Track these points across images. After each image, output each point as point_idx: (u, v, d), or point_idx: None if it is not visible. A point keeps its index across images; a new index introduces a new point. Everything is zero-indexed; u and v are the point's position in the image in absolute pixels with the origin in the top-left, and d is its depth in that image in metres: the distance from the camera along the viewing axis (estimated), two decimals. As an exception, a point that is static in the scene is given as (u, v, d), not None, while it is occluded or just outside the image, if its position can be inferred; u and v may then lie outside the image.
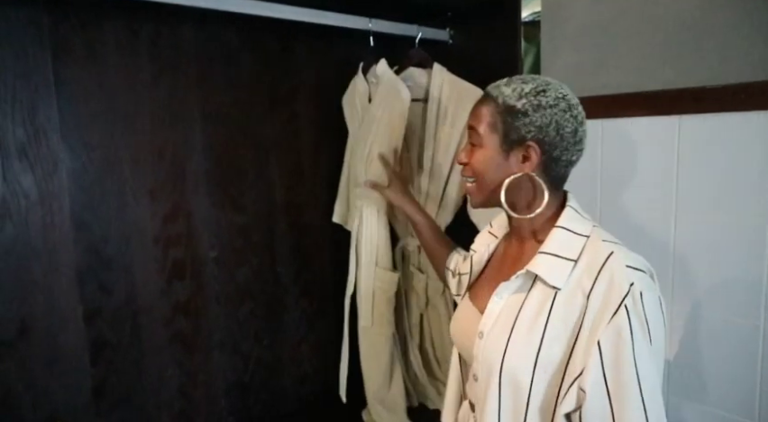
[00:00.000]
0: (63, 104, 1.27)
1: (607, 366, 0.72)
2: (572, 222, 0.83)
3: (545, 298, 0.79)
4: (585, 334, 0.74)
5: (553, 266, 0.79)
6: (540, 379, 0.77)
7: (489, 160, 0.84)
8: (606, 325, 0.72)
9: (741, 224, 1.09)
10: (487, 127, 0.84)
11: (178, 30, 1.44)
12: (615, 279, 0.74)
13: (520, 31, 1.55)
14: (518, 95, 0.81)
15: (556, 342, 0.76)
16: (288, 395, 1.79)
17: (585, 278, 0.76)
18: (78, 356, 1.33)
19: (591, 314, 0.74)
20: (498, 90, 0.84)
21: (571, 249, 0.80)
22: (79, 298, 1.32)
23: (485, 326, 0.84)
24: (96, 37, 1.31)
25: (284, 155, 1.69)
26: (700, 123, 1.13)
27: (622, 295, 0.72)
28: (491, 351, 0.82)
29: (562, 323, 0.76)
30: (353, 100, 1.63)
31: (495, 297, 0.85)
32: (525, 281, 0.83)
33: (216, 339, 1.58)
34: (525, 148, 0.82)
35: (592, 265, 0.77)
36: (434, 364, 1.81)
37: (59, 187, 1.28)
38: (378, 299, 1.60)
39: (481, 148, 0.85)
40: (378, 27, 1.55)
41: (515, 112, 0.81)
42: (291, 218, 1.74)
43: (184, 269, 1.49)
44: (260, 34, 1.59)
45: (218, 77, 1.52)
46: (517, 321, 0.80)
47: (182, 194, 1.48)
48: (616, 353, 0.71)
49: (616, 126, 1.26)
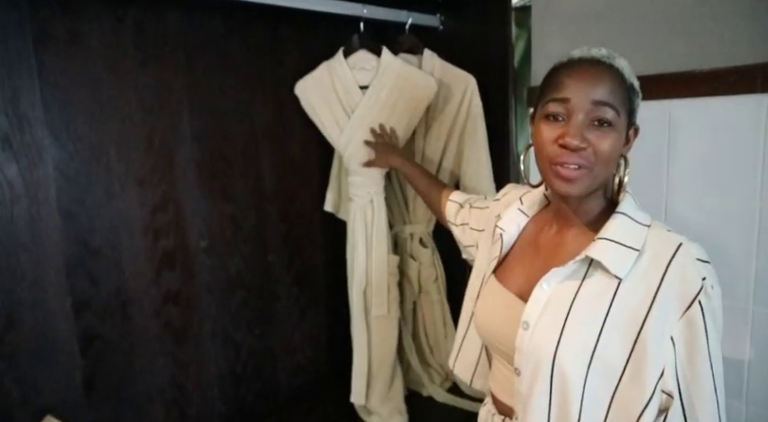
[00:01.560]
0: (47, 91, 1.24)
1: (680, 362, 0.69)
2: (634, 210, 0.77)
3: (606, 287, 0.73)
4: (653, 328, 0.69)
5: (616, 254, 0.72)
6: (595, 374, 0.71)
7: (618, 143, 0.74)
8: (677, 320, 0.69)
9: (731, 207, 1.09)
10: (621, 105, 0.72)
11: (163, 16, 1.41)
12: (687, 272, 0.70)
13: (511, 16, 1.54)
14: (630, 71, 0.75)
15: (616, 335, 0.71)
16: (281, 384, 1.79)
17: (652, 269, 0.71)
18: (68, 348, 1.31)
19: (661, 307, 0.69)
20: (615, 61, 0.75)
21: (634, 238, 0.73)
22: (68, 290, 1.30)
23: (530, 316, 0.76)
24: (79, 23, 1.27)
25: (274, 143, 1.68)
26: (691, 107, 1.13)
27: (696, 290, 0.69)
28: (541, 343, 0.74)
29: (625, 314, 0.71)
30: (329, 86, 1.56)
31: (543, 283, 0.76)
32: (579, 268, 0.75)
33: (208, 329, 1.57)
34: (632, 129, 0.78)
35: (660, 256, 0.72)
36: (427, 352, 1.81)
37: (45, 176, 1.25)
38: (391, 285, 1.61)
39: (613, 130, 0.72)
40: (368, 13, 1.53)
41: (635, 91, 0.76)
42: (282, 207, 1.72)
43: (174, 259, 1.48)
44: (247, 21, 1.56)
45: (206, 64, 1.50)
46: (572, 311, 0.73)
47: (171, 183, 1.46)
48: (689, 348, 0.69)
49: (607, 111, 1.26)
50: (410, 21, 1.63)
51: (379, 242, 1.58)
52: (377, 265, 1.58)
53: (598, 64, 0.74)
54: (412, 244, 1.74)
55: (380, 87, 1.51)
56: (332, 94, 1.56)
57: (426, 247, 1.73)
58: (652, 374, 0.69)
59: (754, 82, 1.04)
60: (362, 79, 1.54)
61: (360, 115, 1.53)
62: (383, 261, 1.59)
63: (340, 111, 1.56)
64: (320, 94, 1.57)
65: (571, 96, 0.73)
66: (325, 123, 1.58)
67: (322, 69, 1.58)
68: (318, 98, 1.58)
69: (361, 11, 1.50)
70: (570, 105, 0.73)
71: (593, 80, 0.72)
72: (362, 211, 1.57)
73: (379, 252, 1.58)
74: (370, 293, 1.59)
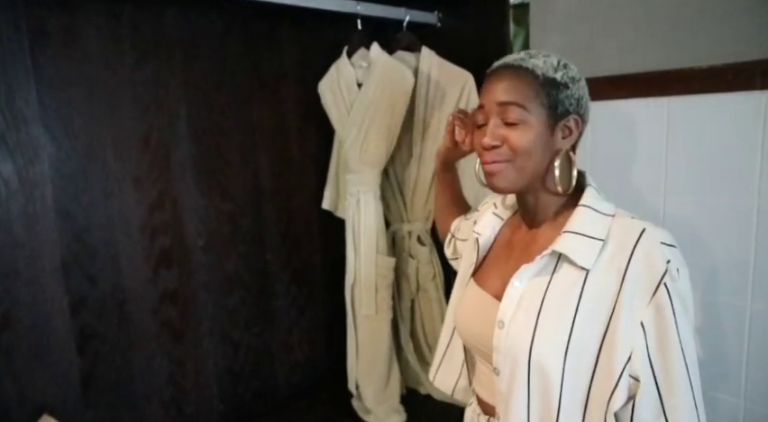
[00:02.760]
0: (42, 89, 1.24)
1: (651, 347, 0.70)
2: (596, 201, 0.79)
3: (574, 279, 0.74)
4: (622, 314, 0.70)
5: (580, 245, 0.74)
6: (572, 366, 0.72)
7: (537, 137, 0.76)
8: (646, 305, 0.70)
9: (729, 205, 1.09)
10: (531, 101, 0.76)
11: (160, 14, 1.40)
12: (651, 257, 0.71)
13: (509, 13, 1.54)
14: (553, 67, 0.77)
15: (588, 325, 0.72)
16: (279, 382, 1.78)
17: (618, 257, 0.73)
18: (65, 347, 1.31)
19: (628, 293, 0.71)
20: (528, 62, 0.78)
21: (597, 228, 0.75)
22: (64, 288, 1.30)
23: (505, 315, 0.78)
24: (75, 21, 1.27)
25: (271, 141, 1.67)
26: (689, 104, 1.13)
27: (660, 273, 0.70)
28: (516, 340, 0.75)
29: (595, 304, 0.72)
30: (336, 85, 1.60)
31: (515, 281, 0.78)
32: (548, 263, 0.77)
33: (206, 327, 1.57)
34: (568, 121, 0.78)
35: (624, 243, 0.73)
36: (426, 350, 1.81)
37: (41, 175, 1.25)
38: (380, 286, 1.60)
39: (524, 124, 0.76)
40: (365, 10, 1.53)
41: (557, 84, 0.76)
42: (280, 205, 1.72)
43: (171, 257, 1.48)
44: (244, 18, 1.55)
45: (203, 62, 1.49)
46: (544, 305, 0.75)
47: (168, 181, 1.45)
48: (660, 333, 0.70)
49: (605, 108, 1.26)
50: (408, 18, 1.62)
51: (367, 241, 1.58)
52: (365, 265, 1.58)
53: (506, 68, 0.79)
54: (410, 242, 1.74)
55: (369, 83, 1.51)
56: (338, 91, 1.60)
57: (424, 245, 1.72)
58: (620, 359, 0.70)
59: (753, 79, 1.03)
60: (361, 77, 1.56)
61: (354, 112, 1.55)
62: (370, 261, 1.59)
63: (343, 108, 1.59)
64: (330, 92, 1.62)
65: (485, 102, 0.80)
66: (333, 120, 1.63)
67: (332, 68, 1.62)
68: (330, 97, 1.62)
69: (354, 8, 1.50)
70: (484, 111, 0.80)
71: (498, 84, 0.78)
72: (351, 210, 1.59)
73: (366, 252, 1.58)
74: (358, 291, 1.60)
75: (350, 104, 1.57)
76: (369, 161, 1.56)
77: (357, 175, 1.58)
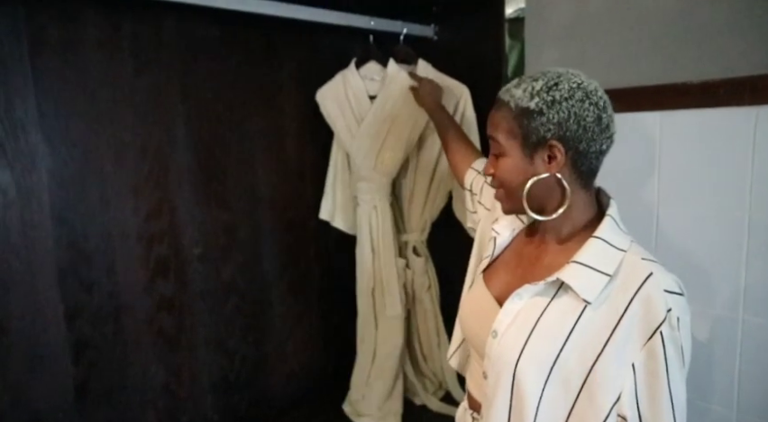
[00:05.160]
0: (41, 98, 1.24)
1: (640, 390, 0.71)
2: (612, 233, 0.78)
3: (572, 308, 0.75)
4: (613, 353, 0.71)
5: (587, 278, 0.75)
6: (553, 389, 0.74)
7: (514, 167, 0.80)
8: (639, 348, 0.71)
9: (721, 217, 1.11)
10: (505, 134, 0.80)
11: (159, 24, 1.41)
12: (652, 302, 0.71)
13: (504, 27, 1.55)
14: (530, 94, 0.77)
15: (575, 355, 0.74)
16: (275, 392, 1.78)
17: (620, 296, 0.73)
18: (60, 356, 1.30)
19: (623, 334, 0.71)
20: (508, 94, 0.80)
21: (607, 263, 0.75)
22: (60, 297, 1.29)
23: (500, 325, 0.80)
24: (75, 30, 1.28)
25: (269, 151, 1.68)
26: (682, 118, 1.15)
27: (659, 321, 0.70)
28: (505, 352, 0.78)
29: (587, 337, 0.73)
30: (342, 95, 1.63)
31: (515, 296, 0.80)
32: (550, 287, 0.78)
33: (201, 336, 1.56)
34: (548, 148, 0.77)
35: (629, 284, 0.73)
36: (421, 360, 1.81)
37: (39, 183, 1.25)
38: (400, 287, 1.67)
39: (505, 156, 0.81)
40: (362, 23, 1.55)
41: (529, 113, 0.77)
42: (277, 214, 1.72)
43: (168, 266, 1.48)
44: (243, 29, 1.57)
45: (201, 72, 1.50)
46: (537, 326, 0.77)
47: (165, 190, 1.46)
48: (650, 377, 0.70)
49: (599, 122, 1.28)
50: (405, 31, 1.64)
51: (386, 245, 1.63)
52: (385, 268, 1.62)
53: (496, 102, 0.83)
54: (406, 253, 1.75)
55: (386, 97, 1.57)
56: (345, 102, 1.63)
57: (420, 255, 1.73)
58: (608, 397, 0.71)
59: (743, 95, 1.05)
60: (372, 89, 1.62)
61: (368, 124, 1.59)
62: (391, 264, 1.63)
63: (352, 119, 1.63)
64: (335, 102, 1.65)
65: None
66: (339, 129, 1.65)
67: (337, 79, 1.65)
68: (334, 106, 1.65)
69: (355, 21, 1.52)
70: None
71: (489, 117, 0.84)
72: (367, 216, 1.63)
73: (386, 256, 1.62)
74: (378, 294, 1.65)
75: (359, 115, 1.61)
76: (383, 170, 1.61)
77: (370, 183, 1.62)
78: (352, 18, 1.54)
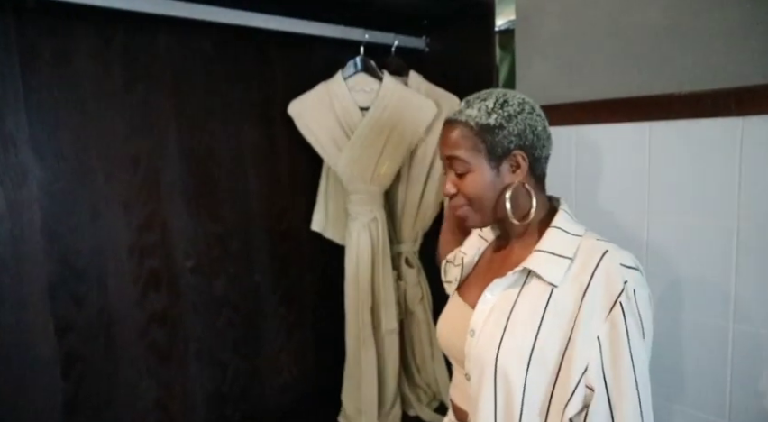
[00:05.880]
0: (32, 112, 1.24)
1: (605, 360, 0.75)
2: (567, 223, 0.86)
3: (541, 293, 0.81)
4: (581, 328, 0.76)
5: (550, 263, 0.81)
6: (533, 377, 0.78)
7: (482, 180, 0.84)
8: (603, 321, 0.75)
9: (710, 226, 1.12)
10: (469, 151, 0.84)
11: (151, 38, 1.42)
12: (610, 276, 0.77)
13: (495, 39, 1.57)
14: (486, 112, 0.83)
15: (551, 337, 0.78)
16: (268, 404, 1.76)
17: (581, 274, 0.79)
18: (49, 371, 1.29)
19: (588, 309, 0.76)
20: (462, 115, 0.85)
21: (567, 247, 0.82)
22: (50, 311, 1.28)
23: (476, 324, 0.85)
24: (66, 44, 1.28)
25: (261, 163, 1.68)
26: (670, 129, 1.16)
27: (617, 292, 0.75)
28: (484, 348, 0.82)
29: (558, 318, 0.78)
30: (327, 106, 1.59)
31: (487, 293, 0.85)
32: (518, 278, 0.84)
33: (193, 349, 1.55)
34: (512, 158, 0.84)
35: (588, 262, 0.79)
36: (414, 371, 1.81)
37: (29, 197, 1.25)
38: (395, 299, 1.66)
39: (470, 173, 0.85)
40: (356, 36, 1.56)
41: (490, 128, 0.83)
42: (269, 226, 1.72)
43: (159, 279, 1.47)
44: (235, 42, 1.57)
45: (193, 85, 1.50)
46: (511, 317, 0.82)
47: (157, 203, 1.45)
48: (613, 347, 0.75)
49: (588, 133, 1.29)
50: (396, 43, 1.65)
51: (385, 257, 1.62)
52: (384, 281, 1.61)
53: (449, 123, 0.87)
54: (398, 264, 1.75)
55: (382, 108, 1.55)
56: (330, 114, 1.59)
57: (412, 267, 1.73)
58: (577, 370, 0.75)
59: (729, 106, 1.07)
60: (362, 101, 1.58)
61: (360, 135, 1.56)
62: (389, 277, 1.63)
63: (338, 131, 1.59)
64: (318, 113, 1.60)
65: (441, 154, 0.89)
66: (323, 142, 1.60)
67: (320, 90, 1.60)
68: (316, 118, 1.60)
69: (350, 34, 1.54)
70: (444, 162, 0.89)
71: (444, 139, 0.87)
72: (367, 229, 1.59)
73: (386, 268, 1.62)
74: (378, 310, 1.62)
75: (348, 126, 1.58)
76: (379, 181, 1.60)
77: (365, 195, 1.60)
78: (347, 31, 1.55)
